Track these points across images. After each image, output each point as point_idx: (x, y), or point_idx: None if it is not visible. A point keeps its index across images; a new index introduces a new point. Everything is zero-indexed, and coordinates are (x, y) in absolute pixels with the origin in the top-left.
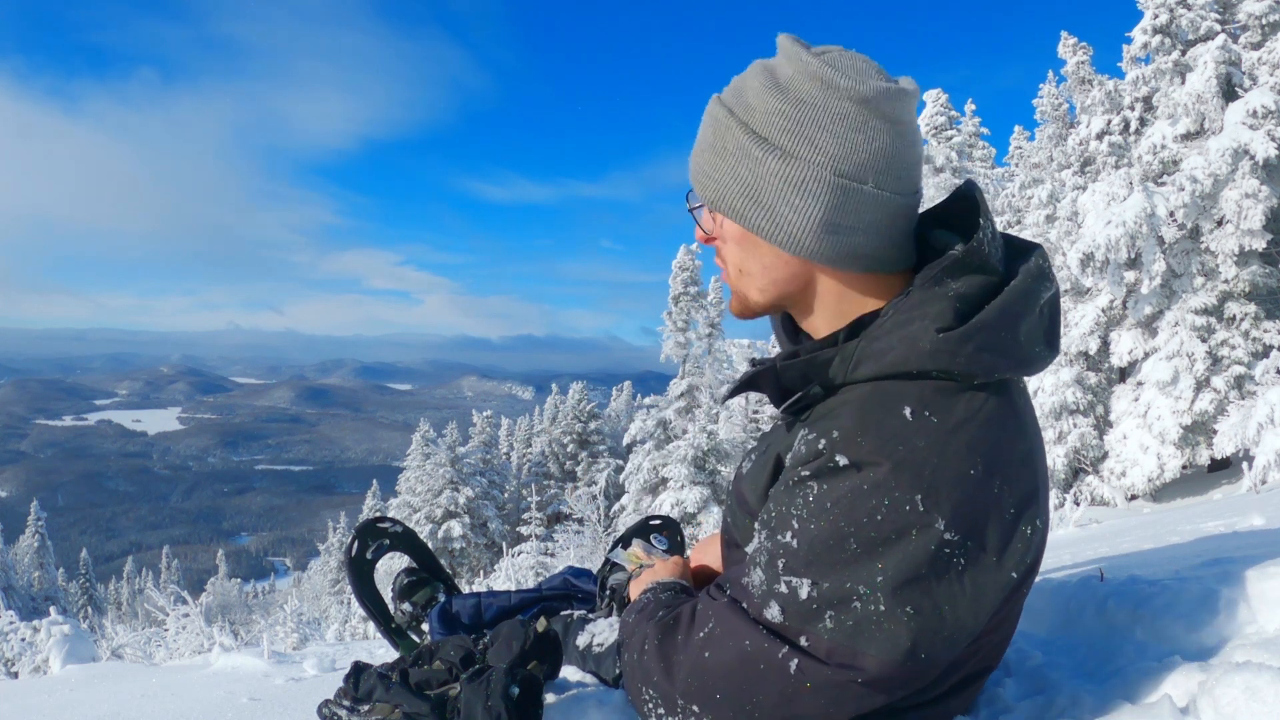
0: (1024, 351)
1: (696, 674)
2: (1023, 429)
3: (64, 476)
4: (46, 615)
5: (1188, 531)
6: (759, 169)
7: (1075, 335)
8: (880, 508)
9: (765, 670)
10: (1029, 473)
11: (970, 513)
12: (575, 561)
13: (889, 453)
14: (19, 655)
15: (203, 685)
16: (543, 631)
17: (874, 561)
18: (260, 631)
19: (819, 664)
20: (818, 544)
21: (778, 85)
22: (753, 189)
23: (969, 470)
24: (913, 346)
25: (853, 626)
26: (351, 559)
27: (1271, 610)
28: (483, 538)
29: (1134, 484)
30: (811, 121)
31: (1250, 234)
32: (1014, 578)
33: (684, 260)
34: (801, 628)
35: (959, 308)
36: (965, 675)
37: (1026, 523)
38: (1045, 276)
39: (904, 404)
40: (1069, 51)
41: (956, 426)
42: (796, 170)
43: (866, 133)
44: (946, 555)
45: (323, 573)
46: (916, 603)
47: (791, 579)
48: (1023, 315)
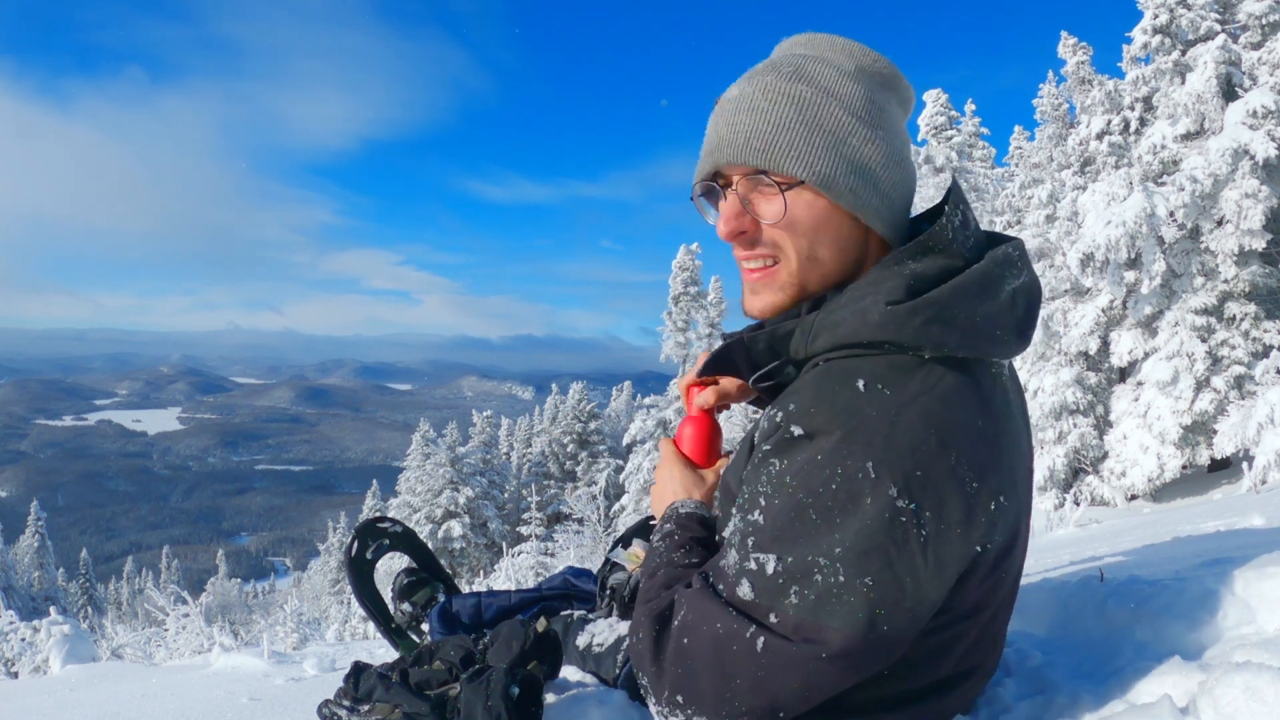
0: (981, 332)
1: (679, 661)
2: (987, 407)
3: (64, 476)
4: (46, 615)
5: (1188, 531)
6: (869, 148)
7: (1075, 335)
8: (834, 476)
9: (737, 652)
10: (993, 450)
11: (925, 482)
12: (575, 561)
13: (841, 422)
14: (19, 655)
15: (203, 685)
16: (543, 631)
17: (831, 532)
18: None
19: (784, 641)
20: (780, 518)
21: (860, 72)
22: (862, 163)
23: (922, 441)
24: (862, 319)
25: (815, 600)
26: (351, 559)
27: (1271, 610)
28: (483, 538)
29: (1134, 484)
30: (887, 109)
31: (1250, 234)
32: (978, 551)
33: (684, 260)
34: (771, 604)
35: (912, 284)
36: (956, 671)
37: (989, 497)
38: (1013, 264)
39: (858, 377)
40: (1069, 51)
41: (910, 399)
42: (893, 149)
43: (903, 119)
44: (903, 524)
45: (323, 573)
46: (875, 573)
47: (759, 555)
48: (981, 296)
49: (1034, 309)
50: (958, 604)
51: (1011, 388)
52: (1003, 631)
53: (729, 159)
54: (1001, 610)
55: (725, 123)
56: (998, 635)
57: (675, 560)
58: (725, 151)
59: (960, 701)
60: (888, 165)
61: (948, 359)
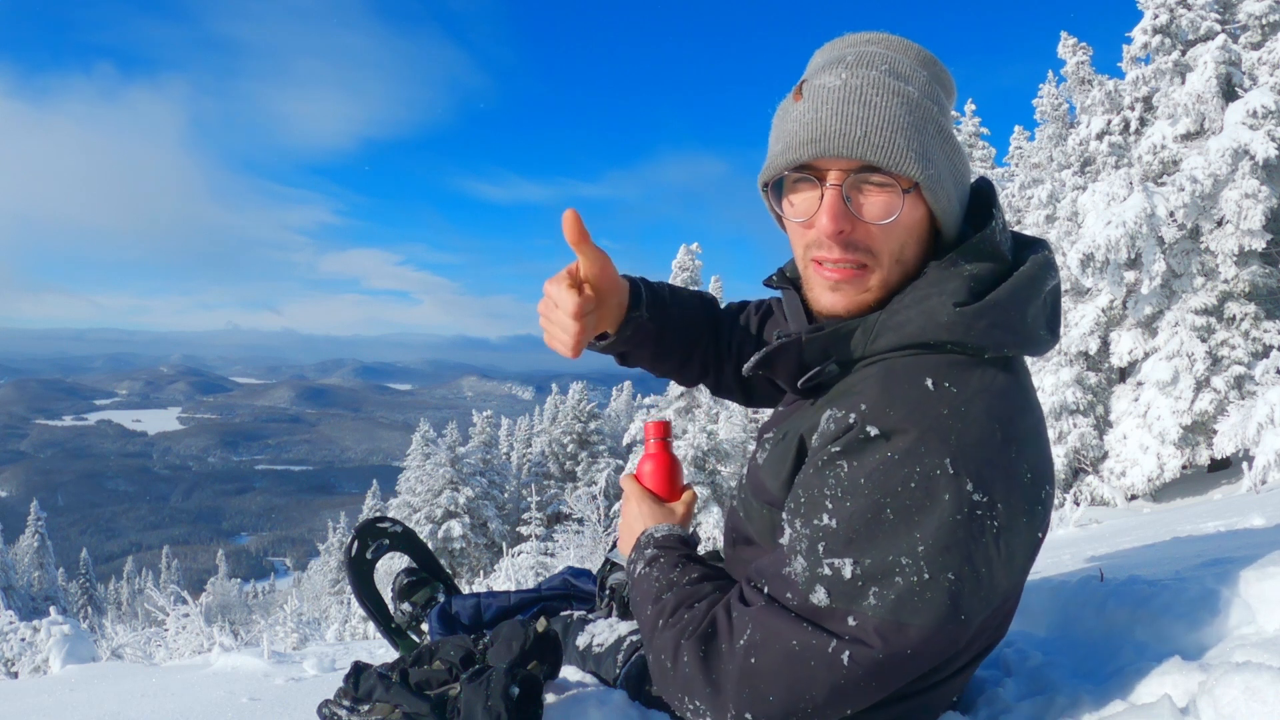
0: (1029, 332)
1: (746, 681)
2: (1030, 404)
3: (64, 476)
4: (46, 615)
5: (1188, 531)
6: (958, 157)
7: (1075, 335)
8: (913, 475)
9: (815, 666)
10: (1040, 443)
11: (994, 476)
12: (575, 561)
13: (916, 420)
14: (19, 655)
15: (203, 685)
16: (543, 631)
17: (912, 531)
18: (260, 631)
19: (868, 649)
20: (856, 520)
21: (940, 82)
22: (958, 171)
23: (989, 436)
24: (931, 319)
25: (895, 600)
26: (351, 559)
27: (1271, 610)
28: (483, 538)
29: (1134, 484)
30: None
31: (1250, 234)
32: (1039, 538)
33: (684, 260)
34: (849, 608)
35: (973, 286)
36: (978, 652)
37: (1041, 488)
38: (1051, 266)
39: (925, 375)
40: (1069, 51)
41: (974, 395)
42: (962, 156)
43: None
44: (979, 517)
45: (323, 573)
46: (956, 568)
47: (834, 560)
48: (1030, 298)
49: (1059, 307)
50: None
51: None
52: (1011, 615)
53: (838, 151)
54: (1019, 595)
55: (832, 113)
56: (1010, 617)
57: (676, 580)
58: (833, 142)
59: (965, 681)
60: (966, 172)
61: (998, 358)
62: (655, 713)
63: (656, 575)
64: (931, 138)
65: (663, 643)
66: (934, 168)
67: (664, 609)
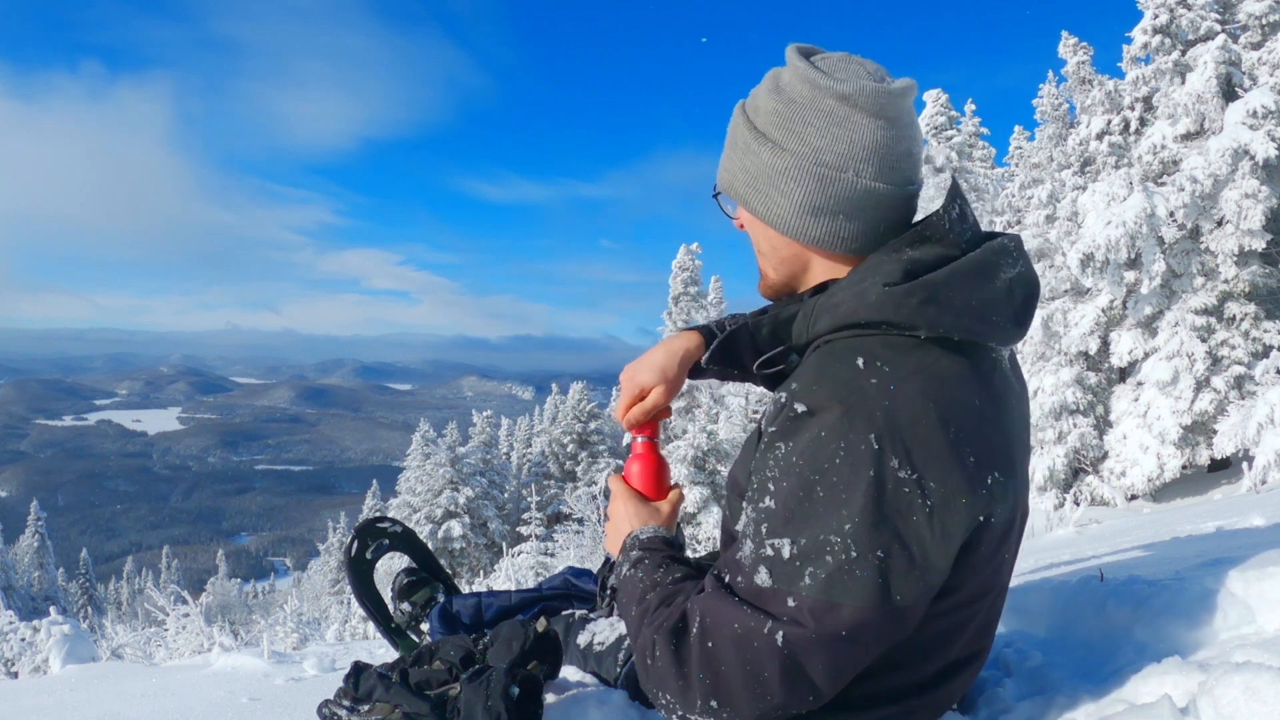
0: (977, 316)
1: (705, 667)
2: (985, 388)
3: (64, 476)
4: (46, 615)
5: (1188, 531)
6: (757, 160)
7: (1075, 335)
8: (838, 451)
9: (759, 648)
10: (991, 428)
11: (926, 453)
12: (575, 561)
13: (842, 398)
14: (19, 655)
15: (203, 685)
16: (543, 631)
17: (839, 509)
18: (260, 631)
19: (802, 629)
20: (791, 500)
21: (777, 88)
22: (753, 176)
23: (922, 415)
24: (861, 299)
25: (826, 579)
26: (351, 559)
27: (1271, 610)
28: (483, 538)
29: (1134, 484)
30: (799, 118)
31: (1250, 234)
32: (980, 520)
33: (684, 260)
34: (789, 589)
35: (909, 268)
36: (962, 655)
37: (987, 472)
38: (1008, 253)
39: (857, 355)
40: (1069, 51)
41: (908, 375)
42: (784, 160)
43: (849, 127)
44: (907, 494)
45: (323, 573)
46: (885, 545)
47: (775, 540)
48: (976, 281)
49: (1031, 300)
50: (966, 584)
51: (1012, 375)
52: (997, 616)
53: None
54: (1002, 595)
55: None
56: (996, 620)
57: (660, 580)
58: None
59: (963, 687)
60: (774, 176)
61: (944, 341)
62: (655, 713)
63: (641, 576)
64: (738, 149)
65: (643, 641)
66: (730, 175)
67: (646, 609)
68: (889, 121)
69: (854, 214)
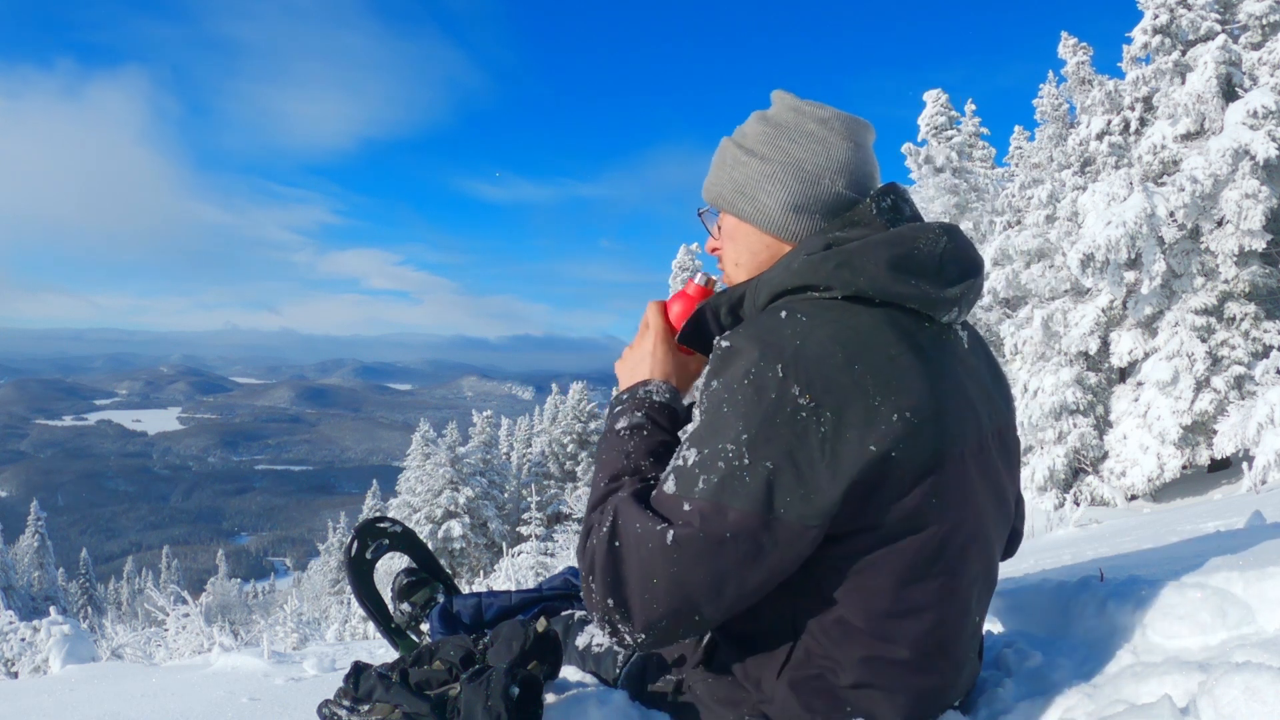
0: (891, 278)
1: (610, 568)
2: (908, 344)
3: (64, 476)
4: (46, 615)
5: (1188, 531)
6: (745, 170)
7: (1075, 335)
8: (747, 375)
9: (653, 549)
10: (907, 375)
11: (827, 387)
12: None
13: (761, 338)
14: (19, 655)
15: (203, 685)
16: (543, 631)
17: (739, 421)
18: (260, 631)
19: (690, 529)
20: (704, 418)
21: (764, 116)
22: (740, 185)
23: (829, 355)
24: (787, 269)
25: (718, 483)
26: (351, 559)
27: (1271, 610)
28: (483, 538)
29: (1134, 484)
30: (784, 135)
31: (1250, 234)
32: (878, 454)
33: (684, 260)
34: (686, 494)
35: (830, 243)
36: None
37: (895, 411)
38: (930, 231)
39: (782, 310)
40: (1069, 52)
41: (823, 324)
42: (771, 168)
43: (826, 145)
44: (803, 419)
45: (323, 573)
46: (774, 458)
47: (685, 451)
48: (890, 250)
49: (967, 274)
50: (882, 521)
51: (965, 349)
52: (965, 623)
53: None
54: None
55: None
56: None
57: (644, 470)
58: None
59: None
60: (760, 180)
61: (868, 303)
62: (655, 713)
63: (630, 451)
64: (725, 166)
65: (590, 520)
66: (718, 187)
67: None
68: (857, 145)
69: (828, 215)
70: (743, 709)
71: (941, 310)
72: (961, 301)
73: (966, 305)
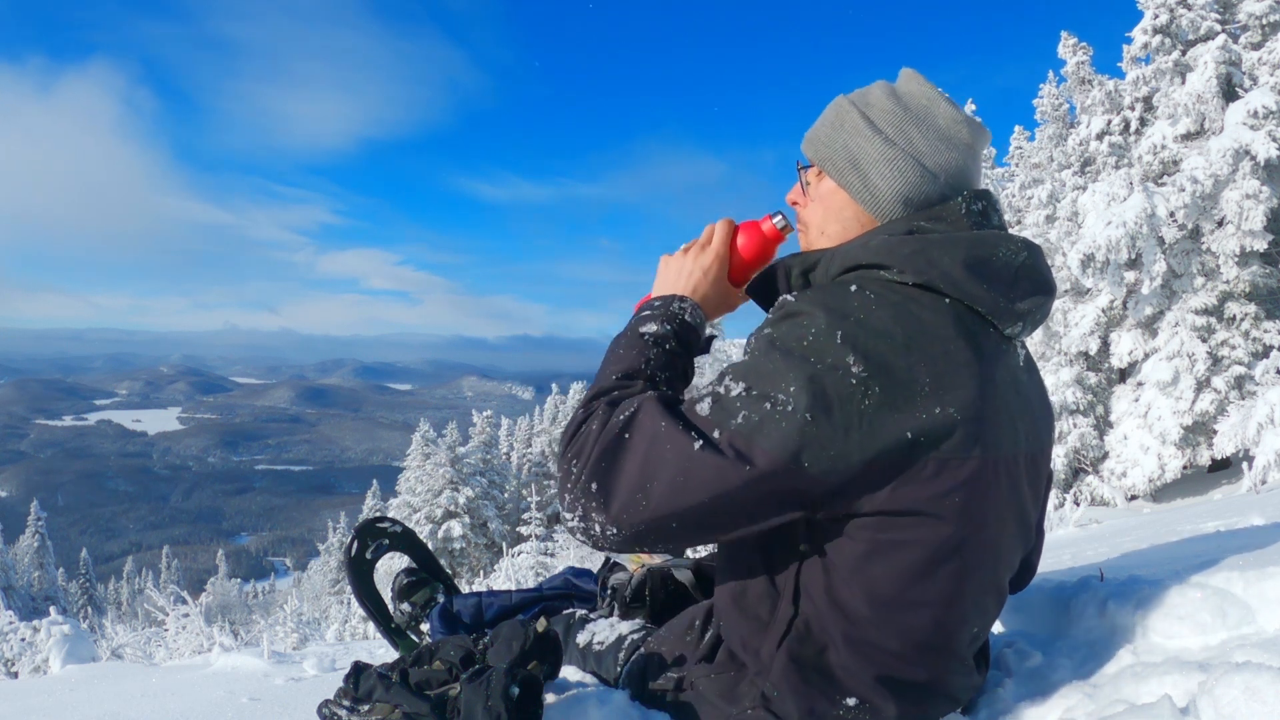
0: (967, 279)
1: (608, 455)
2: (968, 343)
3: (64, 476)
4: (46, 615)
5: (1188, 531)
6: (865, 144)
7: (1075, 335)
8: (807, 334)
9: (670, 450)
10: (963, 373)
11: (881, 364)
12: (575, 561)
13: (826, 305)
14: (19, 655)
15: (203, 685)
16: (543, 631)
17: (790, 370)
18: (260, 631)
19: (716, 452)
20: (755, 355)
21: (895, 94)
22: (856, 159)
23: (890, 333)
24: (866, 245)
25: (758, 422)
26: (351, 559)
27: (1271, 610)
28: (483, 538)
29: (1134, 484)
30: (913, 123)
31: (1251, 235)
32: (911, 438)
33: None
34: (720, 421)
35: (912, 229)
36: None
37: (941, 405)
38: (1011, 241)
39: (852, 284)
40: (1069, 51)
41: (889, 304)
42: (893, 152)
43: (951, 145)
44: (853, 386)
45: (323, 573)
46: (816, 414)
47: (729, 381)
48: (968, 251)
49: (1039, 290)
50: (900, 502)
51: (1021, 368)
52: (963, 631)
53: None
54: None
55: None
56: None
57: (659, 381)
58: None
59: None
60: (879, 162)
61: (938, 297)
62: (656, 713)
63: (652, 359)
64: (844, 131)
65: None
66: (832, 150)
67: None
68: (975, 152)
69: (924, 210)
70: (744, 703)
71: (1007, 322)
72: (1028, 318)
73: (1032, 323)
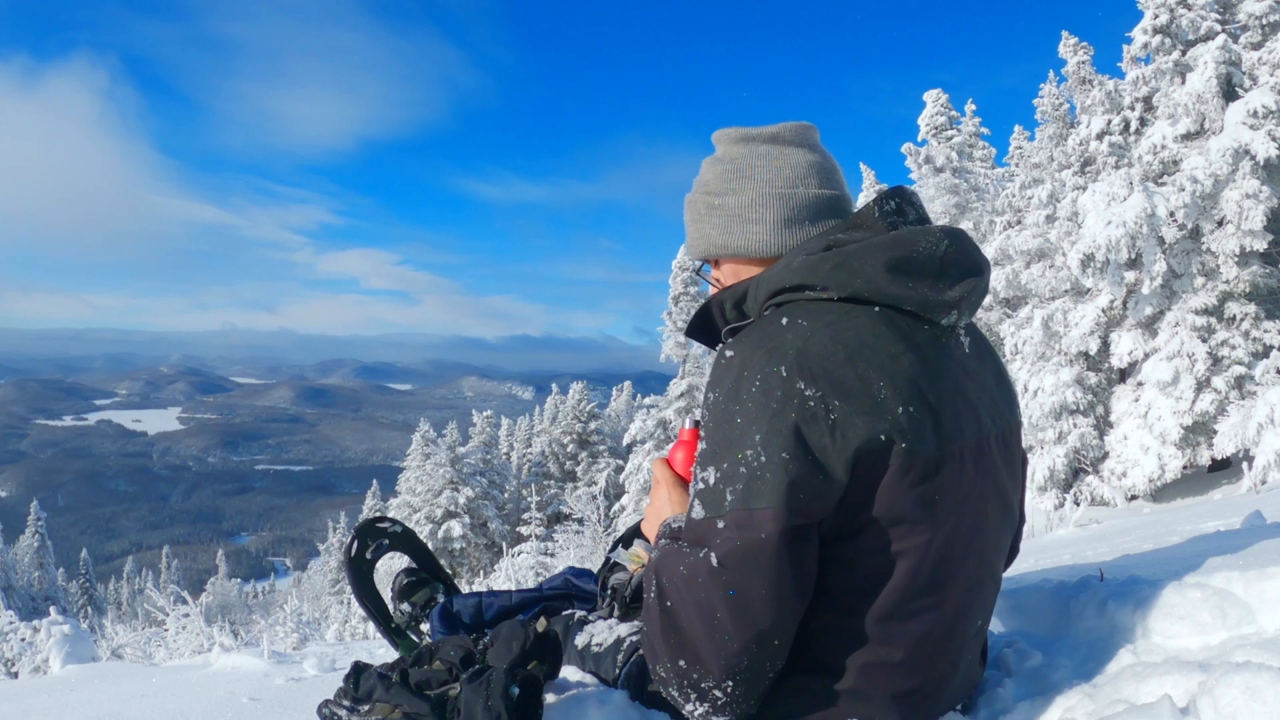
0: (890, 282)
1: (670, 628)
2: (907, 344)
3: (64, 476)
4: (46, 615)
5: (1188, 531)
6: (723, 212)
7: (1075, 335)
8: (754, 381)
9: (704, 582)
10: (909, 374)
11: (832, 380)
12: (575, 561)
13: (764, 344)
14: (19, 655)
15: (203, 685)
16: (543, 631)
17: (750, 425)
18: (260, 631)
19: (730, 543)
20: (716, 435)
21: (717, 159)
22: (725, 227)
23: (831, 354)
24: (787, 268)
25: (744, 489)
26: (351, 559)
27: (1271, 610)
28: (483, 538)
29: (1134, 484)
30: (745, 166)
31: (1251, 234)
32: (882, 439)
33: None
34: (717, 514)
35: (830, 244)
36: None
37: (898, 404)
38: (929, 234)
39: (782, 316)
40: (1069, 51)
41: (824, 326)
42: (746, 198)
43: (785, 157)
44: (812, 408)
45: (323, 573)
46: (790, 448)
47: (703, 473)
48: (894, 254)
49: (969, 275)
50: (885, 511)
51: (964, 352)
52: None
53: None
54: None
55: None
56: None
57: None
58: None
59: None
60: (740, 213)
61: (866, 306)
62: (655, 712)
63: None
64: (701, 218)
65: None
66: (704, 239)
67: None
68: (811, 148)
69: (815, 218)
70: None
71: (940, 313)
72: (963, 304)
73: (968, 308)
